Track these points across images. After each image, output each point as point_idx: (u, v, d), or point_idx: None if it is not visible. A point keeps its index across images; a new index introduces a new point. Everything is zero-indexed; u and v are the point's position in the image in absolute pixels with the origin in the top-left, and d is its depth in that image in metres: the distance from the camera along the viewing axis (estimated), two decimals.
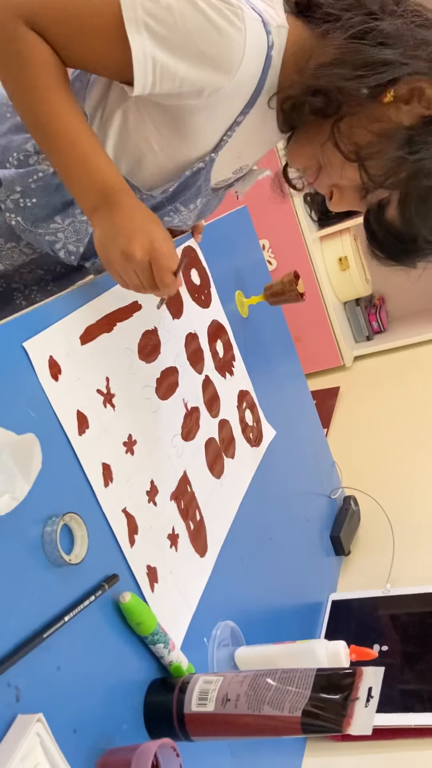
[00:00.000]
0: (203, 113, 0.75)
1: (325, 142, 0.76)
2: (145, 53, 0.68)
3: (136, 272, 0.73)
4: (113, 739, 0.68)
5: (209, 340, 1.12)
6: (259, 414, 1.27)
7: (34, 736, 0.56)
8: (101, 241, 0.73)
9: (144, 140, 0.79)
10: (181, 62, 0.68)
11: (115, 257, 0.72)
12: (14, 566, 0.61)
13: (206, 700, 0.72)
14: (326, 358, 2.68)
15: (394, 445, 1.98)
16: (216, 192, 0.92)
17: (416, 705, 1.09)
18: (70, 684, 0.64)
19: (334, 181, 0.81)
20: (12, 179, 0.83)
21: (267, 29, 0.71)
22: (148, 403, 0.89)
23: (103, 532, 0.74)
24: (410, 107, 0.73)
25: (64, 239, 0.87)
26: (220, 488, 1.04)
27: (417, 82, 0.71)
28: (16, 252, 0.91)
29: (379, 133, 0.74)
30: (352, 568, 1.53)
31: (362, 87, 0.71)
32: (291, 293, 1.32)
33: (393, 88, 0.72)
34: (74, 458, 0.72)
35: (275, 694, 0.70)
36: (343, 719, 0.66)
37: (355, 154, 0.75)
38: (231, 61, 0.69)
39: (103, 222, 0.73)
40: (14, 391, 0.66)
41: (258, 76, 0.73)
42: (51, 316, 0.74)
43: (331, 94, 0.73)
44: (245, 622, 1.00)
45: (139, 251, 0.71)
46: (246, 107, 0.76)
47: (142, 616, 0.74)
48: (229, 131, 0.78)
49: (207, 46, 0.67)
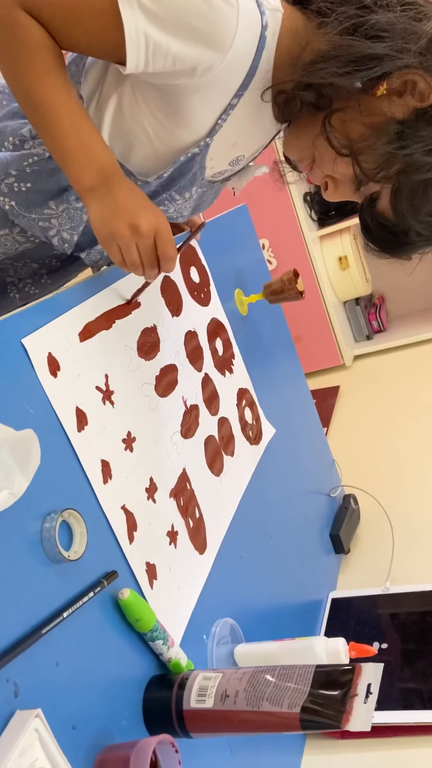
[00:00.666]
0: (197, 95, 0.75)
1: (318, 136, 0.77)
2: (137, 29, 0.68)
3: (139, 247, 0.74)
4: (112, 735, 0.68)
5: (209, 338, 1.12)
6: (259, 412, 1.27)
7: (32, 731, 0.56)
8: (102, 216, 0.74)
9: (138, 124, 0.79)
10: (173, 39, 0.68)
11: (120, 230, 0.73)
12: (13, 562, 0.61)
13: (205, 696, 0.72)
14: (326, 357, 2.68)
15: (393, 444, 1.98)
16: (212, 185, 0.92)
17: (416, 702, 1.09)
18: (69, 680, 0.64)
19: (328, 173, 0.82)
20: (7, 162, 0.83)
21: (261, 9, 0.71)
22: (148, 401, 0.89)
23: (102, 529, 0.74)
24: (403, 100, 0.73)
25: (58, 226, 0.87)
26: (219, 486, 1.04)
27: (410, 74, 0.71)
28: (9, 240, 0.90)
29: (371, 126, 0.74)
30: (351, 567, 1.53)
31: (354, 81, 0.71)
32: (290, 291, 1.32)
33: (386, 81, 0.72)
34: (73, 455, 0.72)
35: (274, 690, 0.70)
36: (342, 715, 0.66)
37: (348, 148, 0.75)
38: (223, 37, 0.69)
39: (104, 199, 0.74)
40: (13, 387, 0.66)
41: (251, 56, 0.73)
42: (50, 312, 0.74)
43: (322, 89, 0.74)
44: (244, 620, 1.00)
45: (145, 224, 0.73)
46: (240, 89, 0.75)
47: (141, 613, 0.74)
48: (223, 114, 0.78)
49: (199, 22, 0.67)
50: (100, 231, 0.75)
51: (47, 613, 0.63)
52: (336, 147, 0.75)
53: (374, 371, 2.64)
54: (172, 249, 0.76)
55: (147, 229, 0.73)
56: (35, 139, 0.82)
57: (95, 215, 0.74)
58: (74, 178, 0.75)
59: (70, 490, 0.71)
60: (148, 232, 0.73)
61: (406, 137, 0.73)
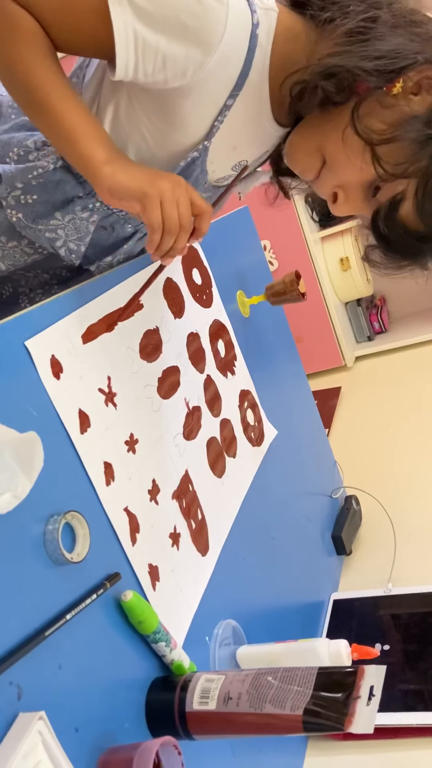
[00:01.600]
0: (191, 97, 0.75)
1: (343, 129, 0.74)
2: (126, 26, 0.67)
3: (179, 204, 0.72)
4: (115, 737, 0.68)
5: (211, 339, 1.12)
6: (261, 414, 1.27)
7: (35, 734, 0.56)
8: (136, 176, 0.72)
9: (136, 130, 0.79)
10: (162, 36, 0.68)
11: (163, 184, 0.71)
12: (16, 564, 0.61)
13: (208, 698, 0.72)
14: (327, 358, 2.68)
15: (395, 445, 1.97)
16: (217, 190, 0.92)
17: (418, 704, 1.09)
18: (72, 682, 0.64)
19: (339, 180, 0.79)
20: (13, 175, 0.83)
21: (252, 8, 0.71)
22: (150, 403, 0.89)
23: (105, 531, 0.74)
24: (420, 98, 0.72)
25: (64, 236, 0.87)
26: (221, 487, 1.04)
27: (426, 71, 0.71)
28: (17, 252, 0.91)
29: (391, 122, 0.72)
30: (353, 568, 1.53)
31: (372, 73, 0.70)
32: (292, 293, 1.32)
33: (401, 78, 0.71)
34: (76, 457, 0.72)
35: (277, 692, 0.70)
36: (344, 718, 0.66)
37: (370, 139, 0.72)
38: (212, 34, 0.68)
39: (129, 165, 0.73)
40: (16, 389, 0.66)
41: (243, 55, 0.72)
42: (53, 314, 0.74)
43: (343, 79, 0.72)
44: (247, 621, 1.00)
45: (181, 180, 0.73)
46: (234, 89, 0.75)
47: (144, 615, 0.74)
48: (219, 116, 0.77)
49: (188, 19, 0.67)
50: (137, 186, 0.71)
51: (50, 615, 0.63)
52: (364, 137, 0.72)
53: (376, 372, 2.63)
54: (207, 204, 0.75)
55: (184, 184, 0.72)
56: (39, 150, 0.83)
57: (125, 178, 0.72)
58: (86, 151, 0.73)
59: (72, 492, 0.71)
60: (187, 187, 0.73)
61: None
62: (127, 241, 0.94)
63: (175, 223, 0.72)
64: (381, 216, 0.77)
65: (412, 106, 0.72)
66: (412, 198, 0.74)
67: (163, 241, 0.73)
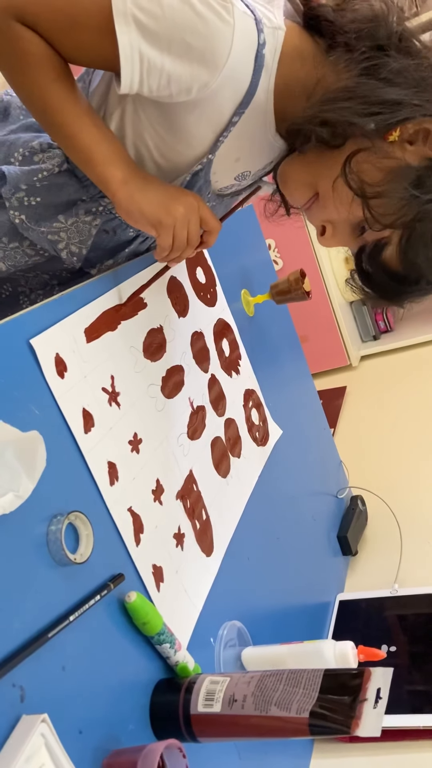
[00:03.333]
0: (196, 111, 0.75)
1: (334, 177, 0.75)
2: (132, 46, 0.67)
3: (190, 225, 0.77)
4: (119, 739, 0.68)
5: (215, 338, 1.12)
6: (266, 413, 1.26)
7: (38, 736, 0.56)
8: (156, 201, 0.75)
9: (140, 138, 0.79)
10: (167, 56, 0.68)
11: (178, 210, 0.75)
12: (19, 565, 0.61)
13: (213, 700, 0.72)
14: (333, 357, 2.67)
15: (401, 445, 1.96)
16: (221, 198, 0.92)
17: (425, 706, 1.08)
18: (76, 684, 0.64)
19: (328, 216, 0.80)
20: (17, 177, 0.83)
21: (259, 27, 0.70)
22: (154, 402, 0.89)
23: (109, 531, 0.74)
24: (415, 148, 0.72)
25: (66, 239, 0.87)
26: (226, 487, 1.03)
27: (424, 123, 0.71)
28: (19, 252, 0.91)
29: (386, 170, 0.73)
30: (359, 568, 1.52)
31: (371, 123, 0.71)
32: (297, 291, 1.32)
33: (399, 127, 0.71)
34: (79, 456, 0.72)
35: (282, 694, 0.69)
36: (351, 720, 0.65)
37: (362, 191, 0.74)
38: (217, 55, 0.68)
39: (146, 186, 0.75)
40: (19, 388, 0.66)
41: (249, 74, 0.72)
42: (57, 313, 0.73)
43: (338, 127, 0.73)
44: (252, 622, 0.99)
45: (195, 201, 0.77)
46: (240, 107, 0.75)
47: (148, 616, 0.73)
48: (224, 132, 0.77)
49: (193, 39, 0.67)
50: (154, 214, 0.75)
51: (53, 616, 0.63)
52: (354, 189, 0.74)
53: (381, 371, 2.62)
54: (217, 221, 0.80)
55: (197, 205, 0.77)
56: (45, 152, 0.83)
57: (143, 203, 0.75)
58: (105, 172, 0.74)
59: (76, 492, 0.70)
60: (198, 208, 0.77)
61: (425, 184, 0.72)
62: (128, 245, 0.93)
63: (183, 243, 0.78)
64: (365, 255, 0.80)
65: (407, 156, 0.73)
66: (396, 245, 0.77)
67: (170, 256, 0.80)
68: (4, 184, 0.84)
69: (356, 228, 0.78)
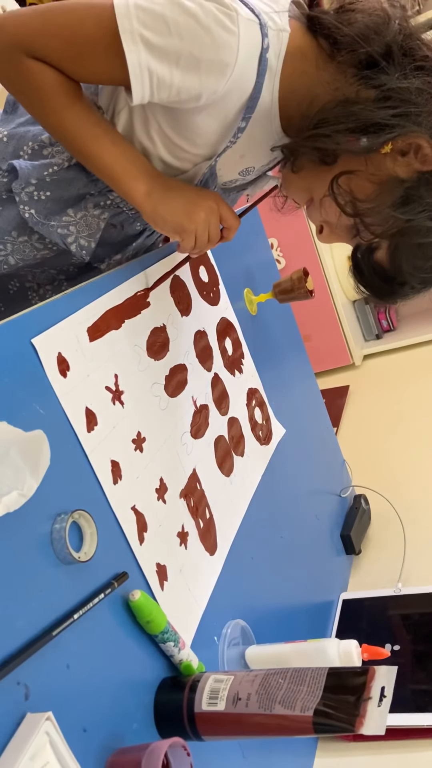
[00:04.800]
0: (203, 113, 0.76)
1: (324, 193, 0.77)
2: (140, 65, 0.69)
3: (210, 226, 0.81)
4: (123, 738, 0.68)
5: (218, 337, 1.12)
6: (269, 412, 1.26)
7: (43, 734, 0.56)
8: (176, 209, 0.79)
9: (147, 136, 0.80)
10: (176, 70, 0.69)
11: (199, 216, 0.79)
12: (23, 564, 0.61)
13: (217, 699, 0.72)
14: (335, 356, 2.67)
15: (404, 444, 1.96)
16: (227, 193, 0.92)
17: (428, 705, 1.08)
18: (80, 682, 0.64)
19: (325, 218, 0.82)
20: (28, 172, 0.84)
21: (263, 31, 0.71)
22: (157, 401, 0.89)
23: (113, 530, 0.74)
24: (406, 160, 0.73)
25: (76, 233, 0.88)
26: (229, 486, 1.03)
27: (416, 138, 0.71)
28: (27, 246, 0.91)
29: (376, 183, 0.74)
30: (362, 567, 1.52)
31: (363, 140, 0.72)
32: (300, 290, 1.32)
33: (391, 141, 0.72)
34: (83, 455, 0.72)
35: (287, 693, 0.69)
36: (355, 719, 0.65)
37: (352, 206, 0.76)
38: (224, 65, 0.69)
39: (167, 195, 0.79)
40: (22, 387, 0.66)
41: (253, 79, 0.73)
42: (60, 312, 0.73)
43: (329, 149, 0.74)
44: (255, 621, 0.99)
45: (214, 203, 0.81)
46: (247, 112, 0.76)
47: (152, 615, 0.73)
48: (233, 138, 0.78)
49: (200, 52, 0.68)
50: (177, 222, 0.79)
51: (57, 615, 0.63)
52: (341, 206, 0.76)
53: (384, 370, 2.62)
54: (236, 219, 0.84)
55: (217, 207, 0.80)
56: (54, 146, 0.84)
57: (165, 212, 0.79)
58: (129, 188, 0.78)
59: (80, 490, 0.70)
60: (218, 209, 0.81)
61: (410, 202, 0.73)
62: (135, 239, 0.94)
63: (205, 243, 0.82)
64: (360, 253, 0.83)
65: (397, 168, 0.73)
66: (386, 249, 0.80)
67: (192, 252, 0.86)
68: (14, 178, 0.85)
69: (352, 228, 0.79)
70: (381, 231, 0.76)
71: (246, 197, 1.01)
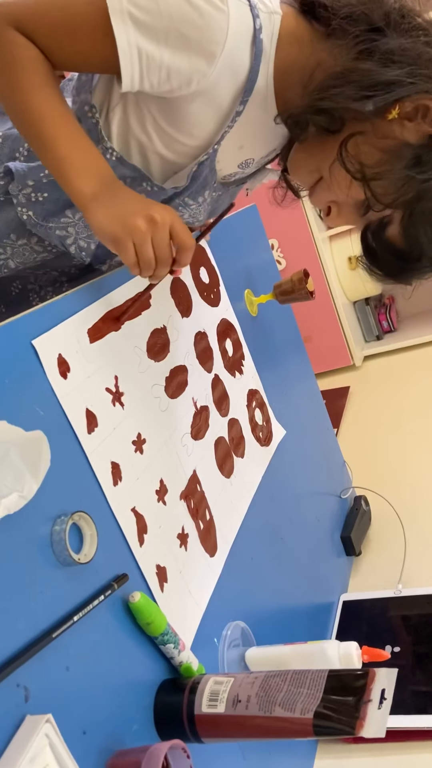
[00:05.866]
0: (197, 101, 0.75)
1: (332, 161, 0.75)
2: (129, 43, 0.68)
3: (154, 241, 0.70)
4: (123, 740, 0.68)
5: (218, 338, 1.12)
6: (269, 413, 1.26)
7: (43, 737, 0.56)
8: (112, 216, 0.70)
9: (143, 131, 0.79)
10: (165, 49, 0.68)
11: (136, 223, 0.69)
12: (23, 565, 0.61)
13: (217, 701, 0.72)
14: (336, 357, 2.67)
15: (404, 445, 1.96)
16: (227, 187, 0.91)
17: (428, 706, 1.07)
18: (80, 684, 0.64)
19: (333, 197, 0.80)
20: (24, 173, 0.83)
21: (254, 12, 0.70)
22: (158, 402, 0.89)
23: (113, 532, 0.74)
24: (415, 124, 0.72)
25: (75, 234, 0.87)
26: (230, 488, 1.03)
27: (422, 99, 0.71)
28: (27, 249, 0.91)
29: (384, 150, 0.73)
30: (363, 569, 1.52)
31: (368, 105, 0.71)
32: (301, 291, 1.31)
33: (398, 105, 0.71)
34: (83, 457, 0.72)
35: (287, 695, 0.69)
36: (355, 721, 0.65)
37: (361, 173, 0.74)
38: (213, 43, 0.68)
39: (110, 201, 0.71)
40: (23, 388, 0.66)
41: (248, 61, 0.72)
42: (60, 313, 0.73)
43: (335, 113, 0.73)
44: (256, 623, 0.99)
45: (160, 216, 0.70)
46: (244, 95, 0.75)
47: (152, 616, 0.73)
48: (230, 122, 0.77)
49: (189, 30, 0.67)
50: (112, 230, 0.70)
51: (57, 616, 0.63)
52: (352, 172, 0.74)
53: (384, 371, 2.62)
54: (190, 238, 0.73)
55: (162, 220, 0.70)
56: None
57: (103, 218, 0.71)
58: (74, 186, 0.72)
59: (80, 492, 0.70)
60: (164, 223, 0.70)
61: (423, 163, 0.72)
62: None
63: (148, 261, 0.71)
64: (370, 232, 0.80)
65: (405, 134, 0.73)
66: (398, 223, 0.77)
67: (142, 274, 0.74)
68: (11, 181, 0.84)
69: (360, 207, 0.78)
70: (393, 199, 0.74)
71: (245, 192, 1.01)
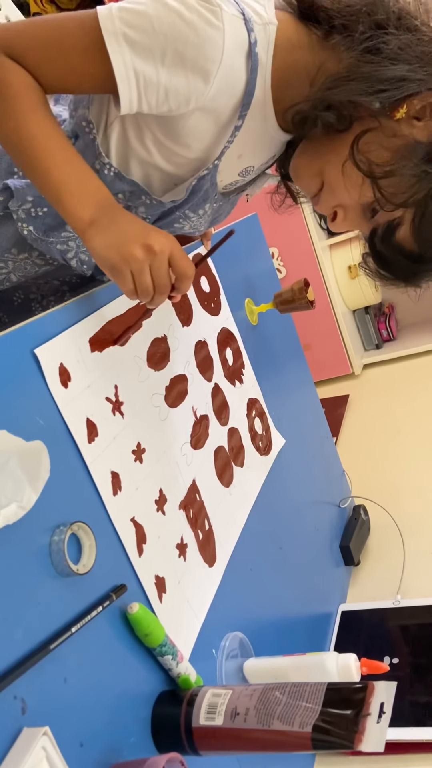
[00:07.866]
0: (196, 114, 0.74)
1: (339, 161, 0.75)
2: (126, 65, 0.68)
3: (152, 269, 0.69)
4: (120, 752, 0.67)
5: (219, 347, 1.12)
6: (269, 422, 1.26)
7: (40, 749, 0.55)
8: (110, 244, 0.69)
9: (143, 146, 0.79)
10: (162, 68, 0.68)
11: (133, 252, 0.67)
12: (21, 576, 0.60)
13: (215, 713, 0.71)
14: (335, 366, 2.67)
15: (404, 454, 1.96)
16: (227, 196, 0.91)
17: (427, 719, 1.07)
18: (77, 696, 0.63)
19: (339, 201, 0.80)
20: (23, 189, 0.83)
21: (249, 27, 0.70)
22: (157, 411, 0.89)
23: (112, 542, 0.74)
24: (423, 123, 0.72)
25: (75, 248, 0.87)
26: (229, 497, 1.03)
27: (430, 98, 0.71)
28: (28, 263, 0.91)
29: (394, 149, 0.73)
30: (362, 579, 1.51)
31: (376, 102, 0.71)
32: (301, 301, 1.32)
33: (406, 103, 0.71)
34: (83, 466, 0.72)
35: (285, 708, 0.69)
36: (354, 735, 0.64)
37: (371, 172, 0.73)
38: (209, 61, 0.68)
39: (108, 228, 0.69)
40: (23, 397, 0.66)
41: (244, 76, 0.72)
42: (61, 322, 0.73)
43: (343, 109, 0.73)
44: (254, 633, 0.99)
45: (158, 245, 0.68)
46: (242, 109, 0.75)
47: (150, 627, 0.73)
48: (230, 137, 0.77)
49: (185, 48, 0.67)
50: (109, 258, 0.69)
51: (55, 627, 0.63)
52: (364, 170, 0.73)
53: (384, 380, 2.62)
54: (190, 267, 0.71)
55: (161, 248, 0.68)
56: None
57: (101, 246, 0.69)
58: (72, 212, 0.70)
59: (79, 502, 0.70)
60: (162, 251, 0.68)
61: None
62: None
63: (146, 289, 0.70)
64: (378, 236, 0.79)
65: (415, 132, 0.72)
66: (410, 224, 0.76)
67: (140, 301, 0.73)
68: (11, 197, 0.84)
69: (367, 210, 0.78)
70: (404, 199, 0.73)
71: (246, 198, 1.01)
